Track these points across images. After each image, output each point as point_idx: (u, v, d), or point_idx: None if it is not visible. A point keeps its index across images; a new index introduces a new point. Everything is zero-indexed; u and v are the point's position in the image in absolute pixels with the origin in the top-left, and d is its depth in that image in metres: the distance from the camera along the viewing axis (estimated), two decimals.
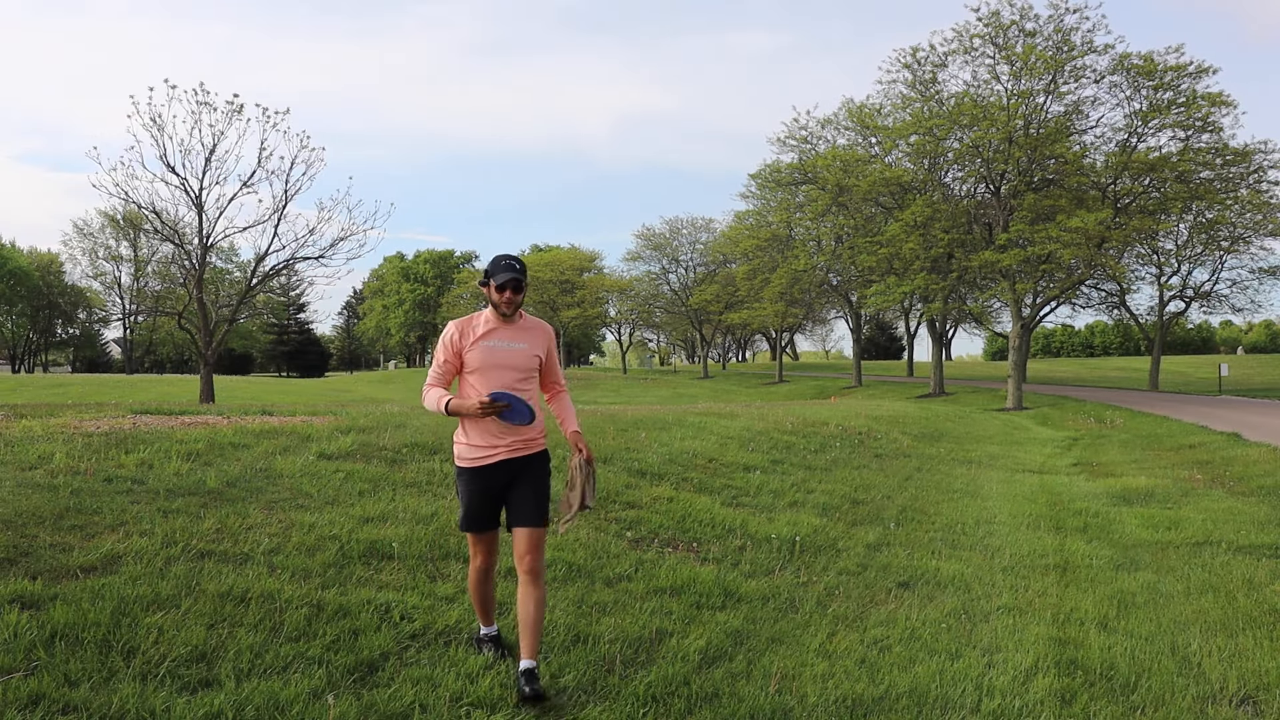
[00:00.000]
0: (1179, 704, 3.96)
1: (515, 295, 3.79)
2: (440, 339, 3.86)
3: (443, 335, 3.85)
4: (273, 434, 8.00)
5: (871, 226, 38.25)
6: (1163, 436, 17.89)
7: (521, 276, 3.78)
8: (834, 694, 3.92)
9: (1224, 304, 42.56)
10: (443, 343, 3.86)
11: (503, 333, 3.83)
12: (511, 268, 3.77)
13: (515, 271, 3.77)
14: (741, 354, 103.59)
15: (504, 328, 3.84)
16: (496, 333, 3.82)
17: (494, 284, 3.77)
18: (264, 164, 26.58)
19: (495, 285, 3.76)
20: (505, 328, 3.84)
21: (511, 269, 3.77)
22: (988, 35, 31.48)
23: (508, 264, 3.78)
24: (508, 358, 3.81)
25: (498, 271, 3.78)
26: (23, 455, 6.29)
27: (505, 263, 3.79)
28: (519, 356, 3.83)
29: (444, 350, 3.86)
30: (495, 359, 3.78)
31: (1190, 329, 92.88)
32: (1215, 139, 32.33)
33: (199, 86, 25.57)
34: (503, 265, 3.78)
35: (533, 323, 3.95)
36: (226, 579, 4.32)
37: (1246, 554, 7.04)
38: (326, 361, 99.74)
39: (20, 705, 3.03)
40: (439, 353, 3.88)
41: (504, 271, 3.77)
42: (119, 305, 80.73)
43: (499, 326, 3.83)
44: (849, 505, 8.71)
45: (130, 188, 28.55)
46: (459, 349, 3.80)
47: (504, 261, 3.79)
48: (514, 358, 3.82)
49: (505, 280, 3.75)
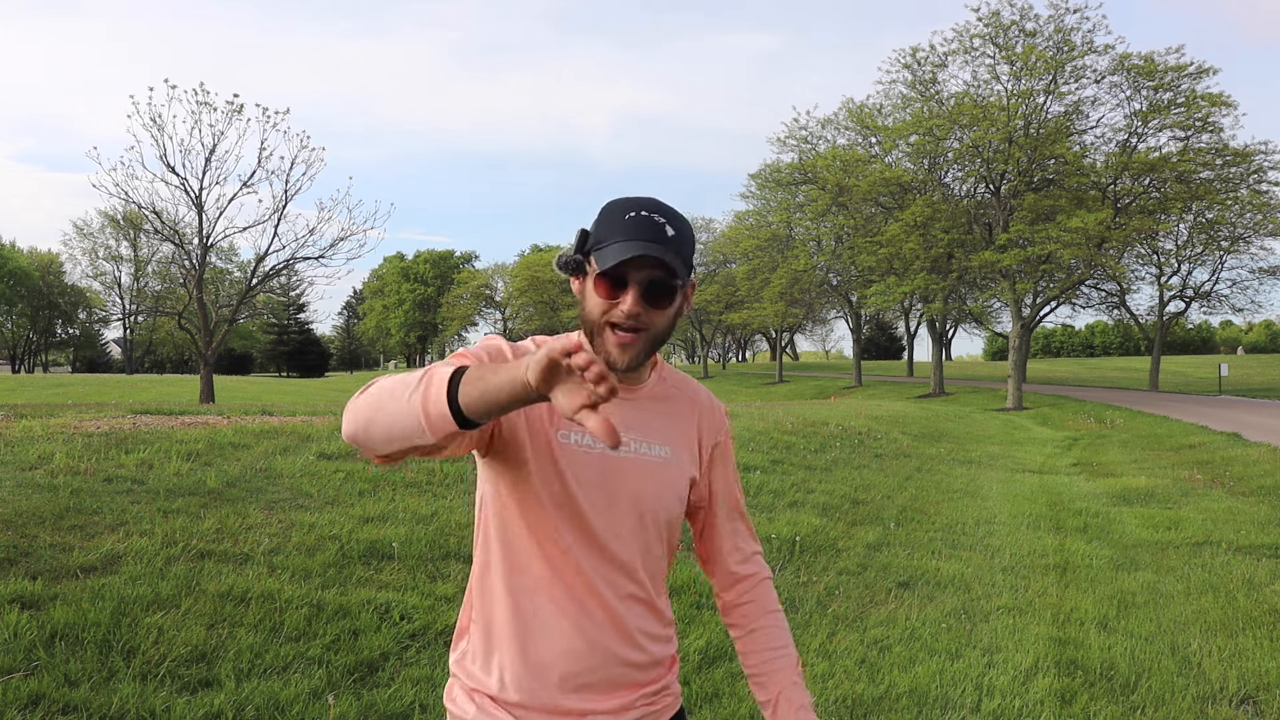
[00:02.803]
0: (1179, 704, 3.96)
1: (648, 303, 1.40)
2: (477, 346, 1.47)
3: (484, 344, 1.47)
4: (273, 434, 8.01)
5: (871, 226, 38.24)
6: (1163, 436, 17.88)
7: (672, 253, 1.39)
8: (834, 694, 3.91)
9: (1224, 304, 42.54)
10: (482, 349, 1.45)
11: (614, 410, 1.47)
12: (651, 226, 1.39)
13: (658, 238, 1.38)
14: (741, 354, 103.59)
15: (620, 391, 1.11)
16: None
17: (595, 266, 1.42)
18: (264, 164, 26.59)
19: (600, 271, 1.40)
20: (622, 392, 1.49)
21: (650, 228, 1.39)
22: (988, 35, 31.49)
23: (641, 218, 1.40)
24: (621, 480, 1.47)
25: (614, 232, 1.40)
26: (23, 455, 6.29)
27: (633, 215, 1.40)
28: (654, 486, 1.50)
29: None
30: (590, 492, 1.45)
31: (1190, 329, 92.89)
32: (1215, 139, 32.32)
33: (199, 86, 25.59)
34: (630, 219, 1.40)
35: (678, 386, 1.60)
36: (226, 579, 4.32)
37: (1246, 554, 7.05)
38: (326, 361, 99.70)
39: (20, 705, 3.03)
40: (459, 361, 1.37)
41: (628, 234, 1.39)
42: (119, 305, 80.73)
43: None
44: (849, 505, 8.71)
45: (130, 188, 28.63)
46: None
47: (632, 213, 1.40)
48: (642, 493, 1.49)
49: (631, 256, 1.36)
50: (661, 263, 1.38)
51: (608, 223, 1.42)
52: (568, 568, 1.44)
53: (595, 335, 1.43)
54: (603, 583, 1.45)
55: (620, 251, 1.36)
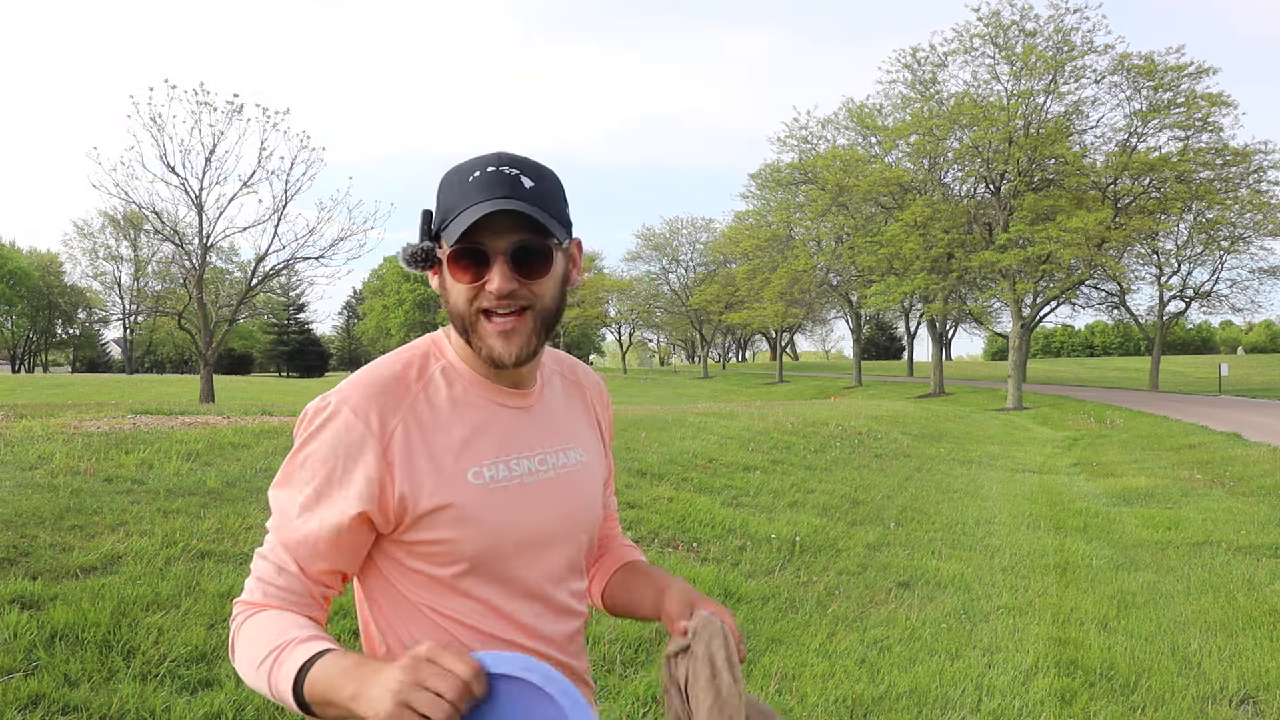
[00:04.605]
0: (1179, 704, 3.96)
1: (521, 275, 1.15)
2: (314, 444, 1.15)
3: (323, 432, 1.15)
4: (273, 434, 8.01)
5: (871, 226, 38.26)
6: (1163, 436, 17.88)
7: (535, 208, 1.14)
8: (834, 694, 3.91)
9: (1224, 304, 42.58)
10: (321, 458, 1.14)
11: (517, 426, 1.25)
12: (503, 181, 1.14)
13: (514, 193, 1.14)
14: (741, 354, 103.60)
15: (513, 400, 1.26)
16: (495, 424, 1.23)
17: (447, 246, 1.16)
18: (264, 164, 26.56)
19: (451, 250, 1.15)
20: (516, 400, 1.27)
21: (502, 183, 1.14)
22: (988, 35, 31.50)
23: (489, 174, 1.14)
24: (552, 506, 1.26)
25: (461, 199, 1.14)
26: (23, 455, 6.29)
27: (478, 174, 1.14)
28: (578, 491, 1.31)
29: (326, 491, 1.14)
30: (523, 518, 1.22)
31: (1190, 329, 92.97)
32: (1215, 139, 32.34)
33: (199, 86, 25.59)
34: (475, 179, 1.14)
35: (561, 373, 1.40)
36: (227, 579, 4.32)
37: (1246, 554, 7.05)
38: (326, 361, 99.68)
39: (20, 705, 3.03)
40: (298, 501, 1.16)
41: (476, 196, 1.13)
42: (119, 305, 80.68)
43: (498, 397, 1.25)
44: (849, 505, 8.71)
45: (130, 188, 28.65)
46: (381, 485, 1.14)
47: (476, 172, 1.14)
48: (570, 500, 1.29)
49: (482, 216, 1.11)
50: (524, 222, 1.12)
51: (451, 192, 1.15)
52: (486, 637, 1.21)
53: (470, 330, 1.18)
54: (534, 623, 1.25)
55: (470, 216, 1.10)
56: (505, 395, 1.25)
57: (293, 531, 1.16)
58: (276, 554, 1.17)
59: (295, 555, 1.16)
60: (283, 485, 1.18)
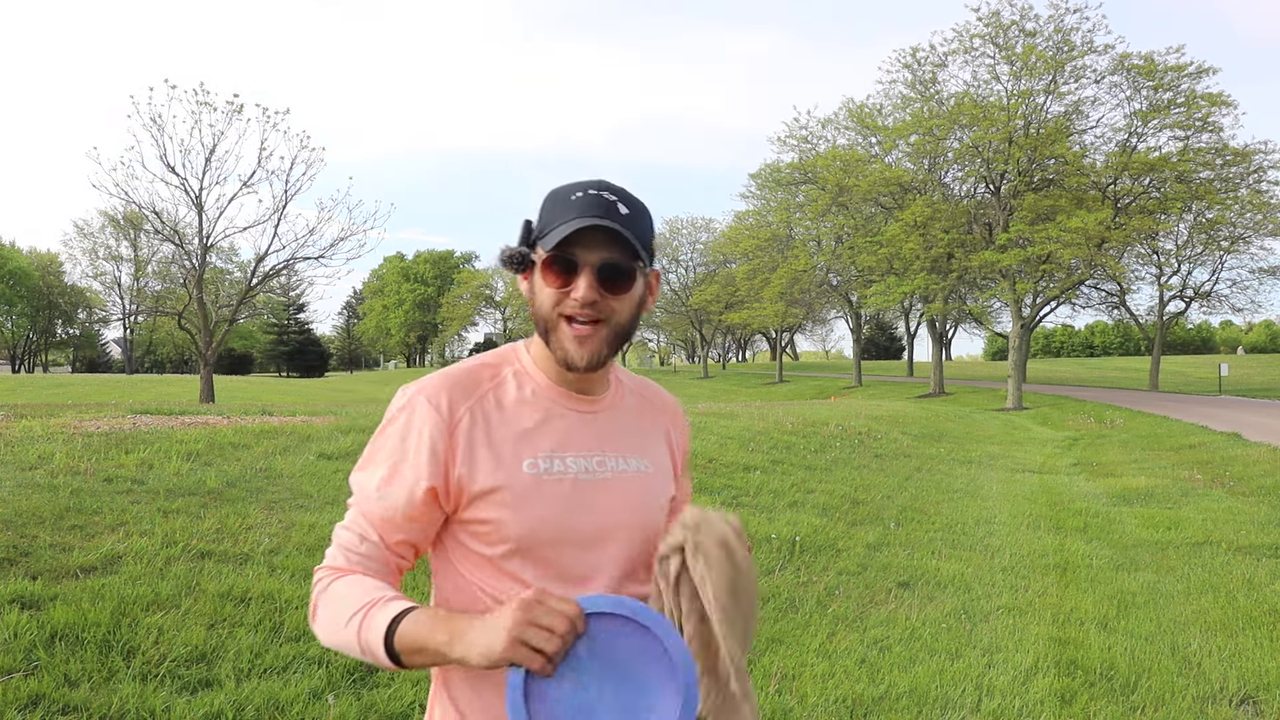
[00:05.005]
0: (1179, 704, 3.96)
1: (603, 288, 1.26)
2: (391, 428, 1.30)
3: (400, 417, 1.29)
4: (273, 434, 8.01)
5: (871, 226, 38.25)
6: (1163, 436, 17.89)
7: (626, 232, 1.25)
8: (834, 694, 3.91)
9: (1224, 304, 42.58)
10: (398, 439, 1.29)
11: (581, 429, 1.35)
12: (601, 204, 1.25)
13: (610, 215, 1.25)
14: (741, 354, 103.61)
15: (579, 405, 1.36)
16: (559, 423, 1.33)
17: (542, 252, 1.28)
18: (264, 164, 26.62)
19: (546, 257, 1.27)
20: (582, 405, 1.36)
21: (600, 205, 1.25)
22: (988, 35, 31.50)
23: (590, 196, 1.26)
24: (604, 505, 1.33)
25: (560, 214, 1.26)
26: (23, 455, 6.30)
27: (580, 195, 1.27)
28: (636, 497, 1.37)
29: (400, 467, 1.27)
30: (570, 510, 1.29)
31: (1190, 329, 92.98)
32: (1215, 139, 32.33)
33: (199, 86, 25.64)
34: (576, 199, 1.26)
35: (637, 391, 1.48)
36: (226, 579, 4.32)
37: (1246, 554, 7.05)
38: (326, 362, 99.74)
39: (20, 705, 3.03)
40: (378, 477, 1.28)
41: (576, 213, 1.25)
42: (119, 305, 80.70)
43: (565, 400, 1.35)
44: (849, 505, 8.71)
45: (130, 188, 28.69)
46: (446, 465, 1.26)
47: (579, 193, 1.27)
48: (626, 503, 1.35)
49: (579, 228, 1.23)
50: (616, 241, 1.25)
51: (553, 207, 1.28)
52: None
53: (550, 332, 1.29)
54: None
55: (567, 228, 1.23)
56: (573, 400, 1.35)
57: (373, 505, 1.28)
58: (359, 525, 1.28)
59: (376, 526, 1.27)
60: (364, 466, 1.31)
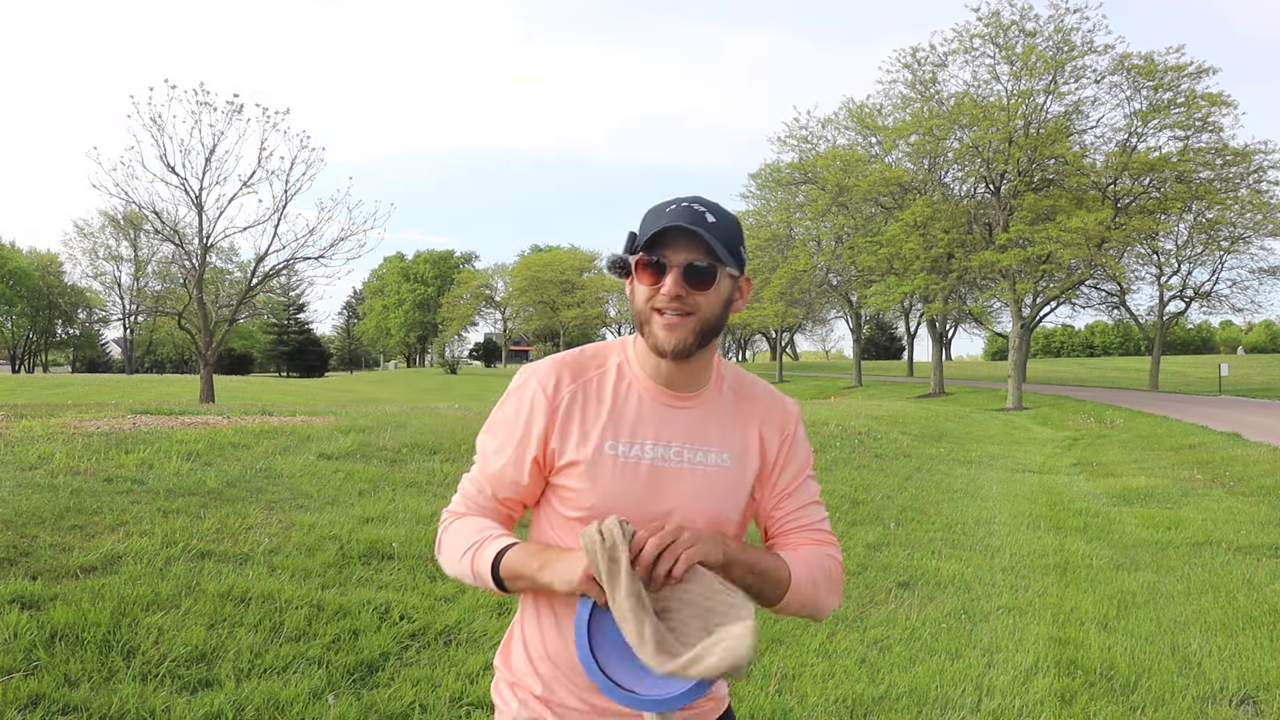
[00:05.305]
0: (1179, 704, 3.96)
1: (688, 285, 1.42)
2: (509, 402, 1.53)
3: (516, 394, 1.52)
4: (273, 434, 8.01)
5: (871, 226, 38.25)
6: (1163, 436, 17.89)
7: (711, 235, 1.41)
8: (834, 694, 3.91)
9: (1224, 304, 42.57)
10: (513, 413, 1.51)
11: (666, 421, 1.50)
12: (690, 213, 1.42)
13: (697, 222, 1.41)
14: (741, 354, 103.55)
15: (669, 399, 1.51)
16: (646, 413, 1.49)
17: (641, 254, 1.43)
18: (264, 164, 26.63)
19: (639, 258, 1.44)
20: (672, 400, 1.51)
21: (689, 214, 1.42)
22: (988, 35, 31.50)
23: (682, 207, 1.43)
24: (674, 490, 1.48)
25: (655, 224, 1.43)
26: (23, 455, 6.30)
27: (674, 207, 1.44)
28: (709, 496, 1.49)
29: (510, 438, 1.51)
30: (639, 490, 1.46)
31: (1190, 329, 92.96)
32: (1215, 139, 32.34)
33: (199, 86, 25.64)
34: (670, 210, 1.44)
35: (736, 388, 1.58)
36: (226, 579, 4.32)
37: (1246, 554, 7.05)
38: (326, 362, 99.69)
39: (20, 705, 3.03)
40: (495, 444, 1.53)
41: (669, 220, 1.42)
42: (119, 305, 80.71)
43: (657, 394, 1.51)
44: (849, 505, 8.71)
45: (130, 188, 28.65)
46: (545, 437, 1.47)
47: (673, 205, 1.44)
48: (694, 491, 1.48)
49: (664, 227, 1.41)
50: (700, 246, 1.41)
51: (650, 217, 1.47)
52: None
53: (645, 324, 1.46)
54: None
55: (654, 229, 1.41)
56: (665, 395, 1.51)
57: (490, 466, 1.52)
58: (478, 482, 1.54)
59: (491, 484, 1.52)
60: (486, 433, 1.54)
